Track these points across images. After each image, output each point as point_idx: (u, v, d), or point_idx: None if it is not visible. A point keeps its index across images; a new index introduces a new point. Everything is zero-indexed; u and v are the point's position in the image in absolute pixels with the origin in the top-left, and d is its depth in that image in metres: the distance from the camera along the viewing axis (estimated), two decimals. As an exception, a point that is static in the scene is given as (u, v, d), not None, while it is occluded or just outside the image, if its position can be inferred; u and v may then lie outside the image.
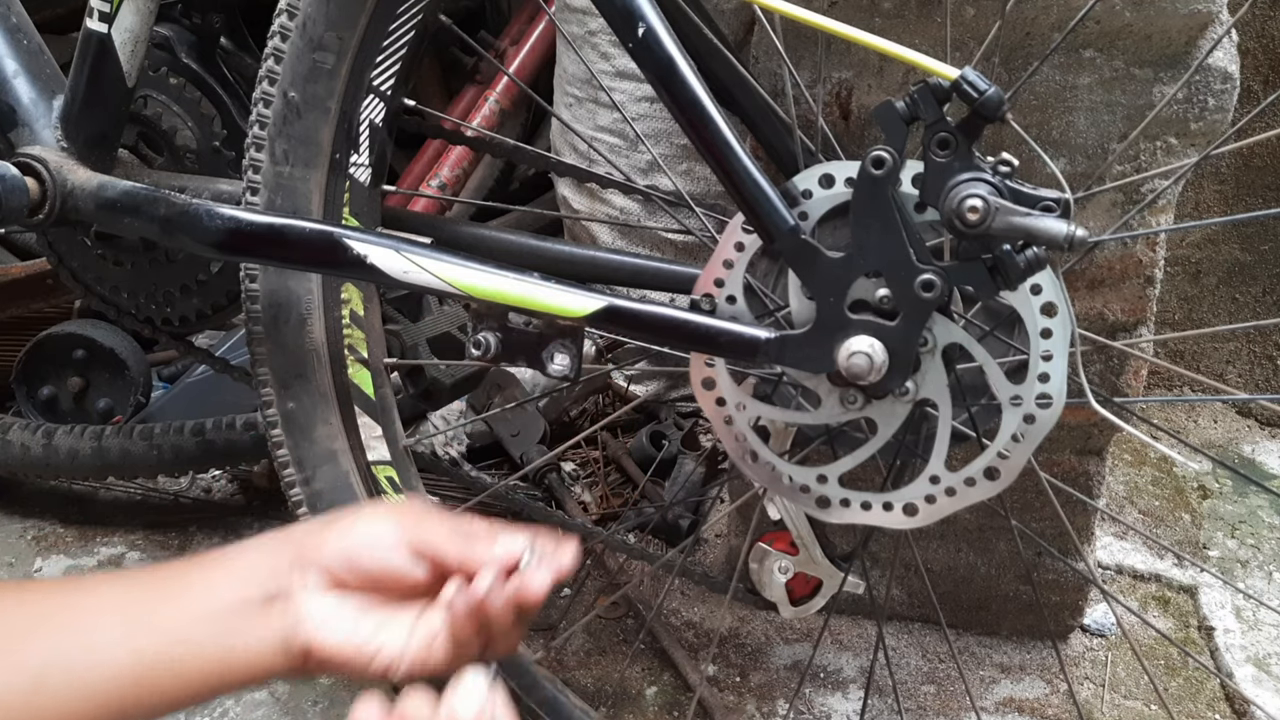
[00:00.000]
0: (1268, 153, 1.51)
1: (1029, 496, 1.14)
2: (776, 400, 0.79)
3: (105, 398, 1.46)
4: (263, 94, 0.83)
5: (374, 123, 0.86)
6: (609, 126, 1.21)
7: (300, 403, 0.88)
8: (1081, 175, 0.96)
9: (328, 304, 0.87)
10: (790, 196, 0.70)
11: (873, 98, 0.97)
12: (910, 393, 0.70)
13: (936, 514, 0.74)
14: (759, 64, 1.01)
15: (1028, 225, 0.62)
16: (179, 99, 1.14)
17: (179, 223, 0.78)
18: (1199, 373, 1.65)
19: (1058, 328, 0.69)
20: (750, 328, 0.71)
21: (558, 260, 0.92)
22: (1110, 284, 1.01)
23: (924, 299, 0.66)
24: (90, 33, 0.90)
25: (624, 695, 1.18)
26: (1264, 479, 1.52)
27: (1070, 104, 0.94)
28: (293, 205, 0.84)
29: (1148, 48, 0.91)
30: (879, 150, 0.64)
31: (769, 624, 1.28)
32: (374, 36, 0.83)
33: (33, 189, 0.85)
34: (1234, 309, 1.61)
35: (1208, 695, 1.17)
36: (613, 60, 1.17)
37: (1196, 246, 1.59)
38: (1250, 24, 1.44)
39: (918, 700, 1.18)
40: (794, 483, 0.76)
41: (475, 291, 0.71)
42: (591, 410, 1.61)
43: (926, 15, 0.92)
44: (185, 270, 1.13)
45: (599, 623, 1.28)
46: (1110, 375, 1.06)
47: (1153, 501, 1.47)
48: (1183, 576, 1.32)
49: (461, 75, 1.53)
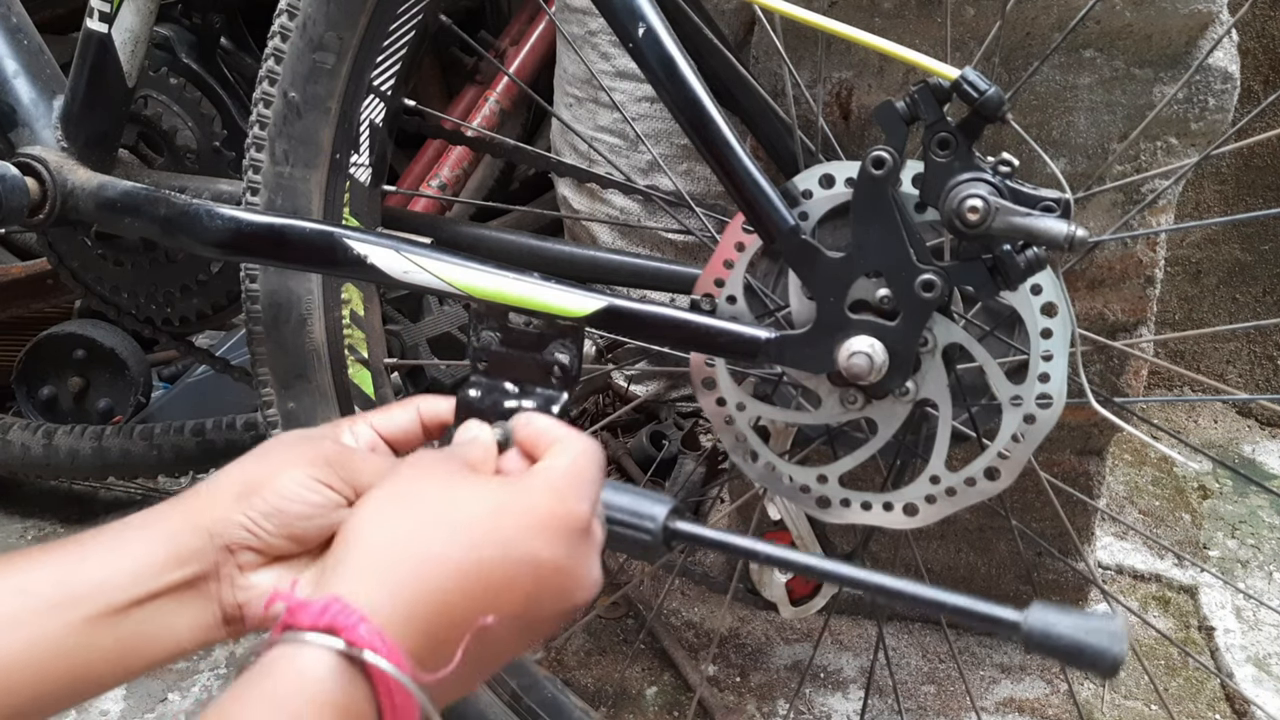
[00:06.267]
0: (1268, 153, 1.51)
1: (1029, 496, 1.14)
2: (777, 400, 0.79)
3: (105, 398, 1.46)
4: (263, 94, 0.83)
5: (374, 123, 0.86)
6: (609, 126, 1.21)
7: (300, 403, 0.88)
8: (1082, 175, 0.96)
9: (328, 304, 0.87)
10: (790, 196, 0.70)
11: (873, 98, 0.97)
12: (910, 393, 0.70)
13: (937, 514, 0.74)
14: (759, 64, 1.01)
15: (1028, 225, 0.62)
16: (179, 99, 1.14)
17: (179, 223, 0.78)
18: (1199, 373, 1.65)
19: (1058, 328, 0.69)
20: (750, 328, 0.71)
21: (558, 260, 0.92)
22: (1110, 284, 1.01)
23: (924, 299, 0.66)
24: (90, 33, 0.90)
25: (624, 695, 1.18)
26: (1264, 479, 1.52)
27: (1070, 104, 0.94)
28: (293, 205, 0.84)
29: (1148, 48, 0.91)
30: (879, 150, 0.64)
31: (769, 624, 1.28)
32: (374, 36, 0.83)
33: (33, 189, 0.85)
34: (1234, 309, 1.61)
35: (1208, 695, 1.17)
36: (613, 60, 1.17)
37: (1196, 246, 1.59)
38: (1250, 24, 1.44)
39: (918, 700, 1.18)
40: (794, 483, 0.76)
41: (475, 291, 0.71)
42: (592, 410, 1.60)
43: (926, 15, 0.92)
44: (185, 270, 1.13)
45: (599, 623, 1.28)
46: (1110, 375, 1.06)
47: (1153, 501, 1.47)
48: (1183, 576, 1.32)
49: (461, 75, 1.53)
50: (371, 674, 0.43)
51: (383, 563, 0.47)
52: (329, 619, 0.43)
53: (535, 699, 0.94)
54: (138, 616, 0.53)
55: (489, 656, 0.51)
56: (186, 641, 0.55)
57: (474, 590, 0.48)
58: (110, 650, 0.52)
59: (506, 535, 0.49)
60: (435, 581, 0.47)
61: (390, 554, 0.48)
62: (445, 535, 0.49)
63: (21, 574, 0.52)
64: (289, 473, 0.56)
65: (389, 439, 0.64)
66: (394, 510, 0.50)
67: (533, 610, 0.50)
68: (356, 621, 0.43)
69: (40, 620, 0.50)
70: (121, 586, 0.52)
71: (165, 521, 0.56)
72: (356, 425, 0.64)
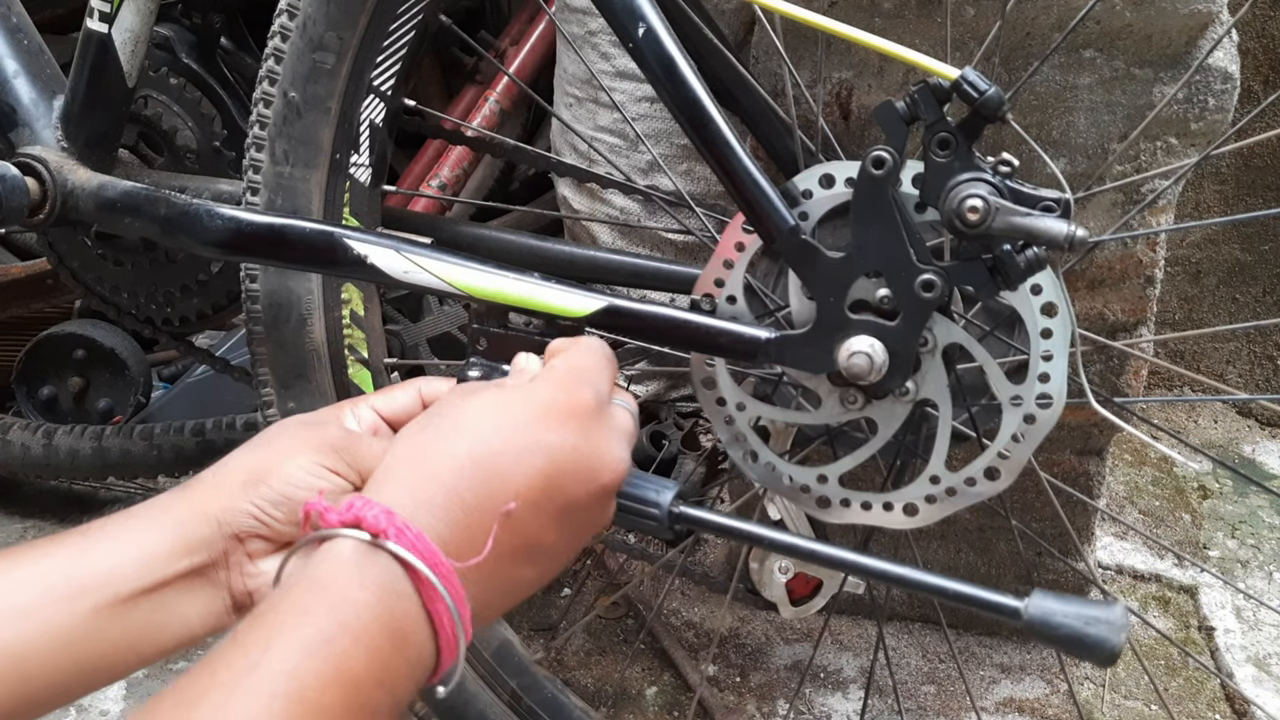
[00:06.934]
0: (1268, 153, 1.51)
1: (1029, 496, 1.14)
2: (776, 400, 0.79)
3: (105, 398, 1.46)
4: (263, 94, 0.83)
5: (374, 123, 0.86)
6: (609, 126, 1.21)
7: (300, 403, 0.88)
8: (1082, 175, 0.96)
9: (328, 304, 0.87)
10: (790, 196, 0.70)
11: (873, 98, 0.97)
12: (910, 393, 0.70)
13: (937, 514, 0.74)
14: (759, 64, 1.01)
15: (1028, 225, 0.62)
16: (179, 99, 1.14)
17: (179, 223, 0.78)
18: (1199, 373, 1.65)
19: (1058, 328, 0.69)
20: (750, 328, 0.71)
21: (558, 260, 0.92)
22: (1110, 284, 1.01)
23: (924, 299, 0.66)
24: (90, 33, 0.90)
25: (624, 695, 1.18)
26: (1264, 479, 1.52)
27: (1070, 104, 0.94)
28: (293, 205, 0.84)
29: (1148, 48, 0.91)
30: (879, 150, 0.64)
31: (769, 624, 1.28)
32: (374, 36, 0.83)
33: (33, 189, 0.85)
34: (1234, 309, 1.61)
35: (1208, 695, 1.17)
36: (613, 60, 1.17)
37: (1196, 246, 1.59)
38: (1250, 24, 1.44)
39: (918, 700, 1.18)
40: (794, 483, 0.76)
41: (475, 291, 0.71)
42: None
43: (926, 15, 0.92)
44: (185, 270, 1.13)
45: (599, 623, 1.28)
46: (1110, 375, 1.06)
47: (1153, 501, 1.47)
48: (1183, 576, 1.32)
49: (461, 75, 1.53)
50: (407, 566, 0.45)
51: (403, 471, 0.50)
52: (354, 514, 0.46)
53: (535, 699, 0.94)
54: (146, 605, 0.54)
55: (534, 548, 0.52)
56: (197, 628, 0.56)
57: (487, 478, 0.50)
58: (120, 639, 0.53)
59: (511, 425, 0.52)
60: (448, 476, 0.50)
61: (409, 464, 0.51)
62: (455, 436, 0.52)
63: (29, 565, 0.52)
64: (295, 459, 0.57)
65: (391, 421, 0.65)
66: (415, 430, 0.53)
67: (558, 495, 0.52)
68: (380, 514, 0.45)
69: (48, 611, 0.51)
70: (128, 576, 0.53)
71: (172, 511, 0.56)
72: (358, 407, 0.64)
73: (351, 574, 0.44)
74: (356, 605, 0.43)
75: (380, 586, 0.44)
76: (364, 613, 0.43)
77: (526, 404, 0.54)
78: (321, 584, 0.44)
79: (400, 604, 0.45)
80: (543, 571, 0.54)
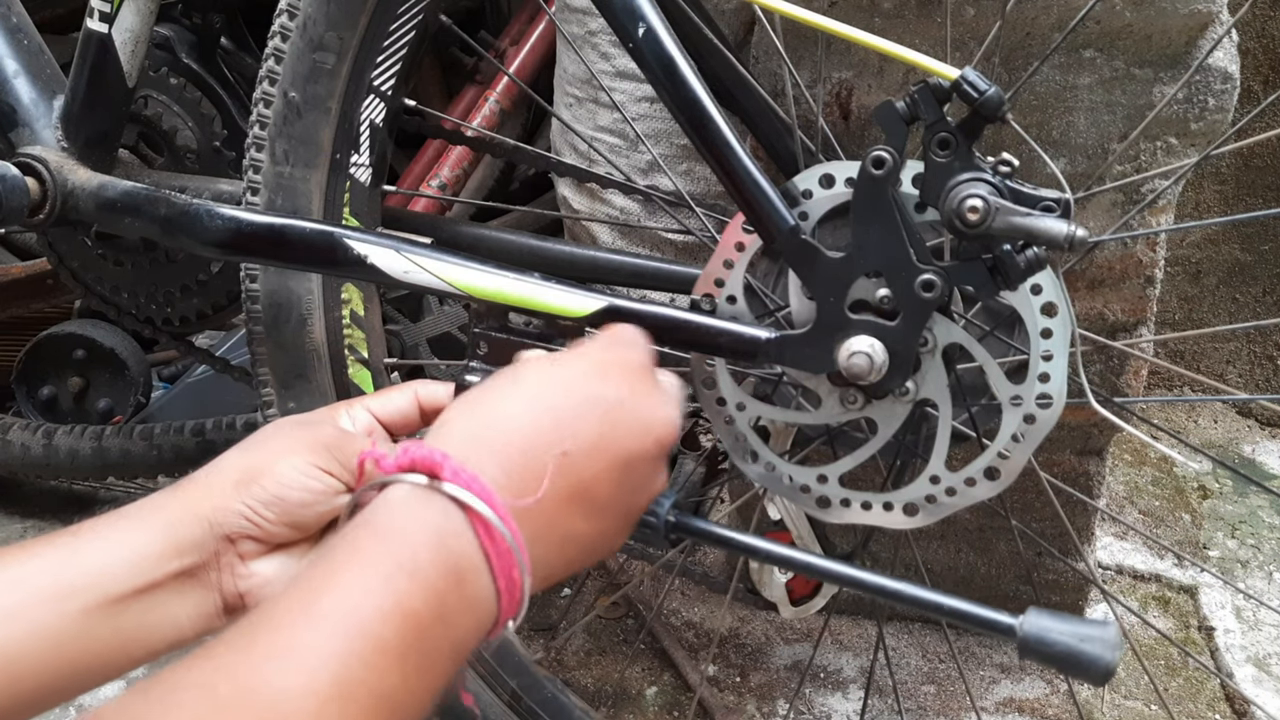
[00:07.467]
0: (1268, 153, 1.51)
1: (1029, 496, 1.14)
2: (776, 400, 0.79)
3: (105, 398, 1.46)
4: (263, 94, 0.83)
5: (374, 123, 0.86)
6: (609, 126, 1.21)
7: (301, 403, 0.88)
8: (1081, 175, 0.96)
9: (328, 304, 0.87)
10: (790, 196, 0.70)
11: (873, 98, 0.97)
12: (910, 393, 0.70)
13: (937, 514, 0.74)
14: (759, 64, 1.01)
15: (1028, 225, 0.62)
16: (179, 99, 1.14)
17: (179, 223, 0.78)
18: (1199, 373, 1.65)
19: (1058, 328, 0.69)
20: (750, 328, 0.71)
21: (558, 260, 0.92)
22: (1110, 284, 1.01)
23: (924, 299, 0.66)
24: (91, 33, 0.90)
25: (624, 695, 1.18)
26: (1264, 479, 1.52)
27: (1070, 104, 0.94)
28: (293, 205, 0.84)
29: (1148, 48, 0.91)
30: (879, 150, 0.64)
31: (769, 624, 1.28)
32: (374, 36, 0.83)
33: (33, 189, 0.85)
34: (1234, 309, 1.61)
35: (1208, 695, 1.17)
36: (613, 60, 1.17)
37: (1196, 246, 1.59)
38: (1250, 24, 1.44)
39: (918, 700, 1.18)
40: (794, 483, 0.76)
41: (475, 291, 0.71)
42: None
43: (926, 15, 0.92)
44: (185, 270, 1.13)
45: (599, 623, 1.28)
46: (1110, 375, 1.06)
47: (1153, 501, 1.47)
48: (1183, 576, 1.32)
49: (461, 75, 1.53)
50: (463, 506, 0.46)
51: (459, 423, 0.52)
52: (410, 458, 0.47)
53: (535, 699, 0.94)
54: (137, 607, 0.53)
55: (588, 499, 0.53)
56: (188, 630, 0.55)
57: (542, 425, 0.51)
58: (110, 640, 0.53)
59: (566, 380, 0.54)
60: (504, 423, 0.51)
61: (465, 416, 0.52)
62: (512, 390, 0.53)
63: (18, 566, 0.52)
64: (289, 460, 0.57)
65: (386, 423, 0.65)
66: (470, 395, 0.54)
67: (612, 444, 0.53)
68: (435, 456, 0.46)
69: (37, 612, 0.51)
70: (119, 577, 0.53)
71: (163, 511, 0.56)
72: (354, 409, 0.64)
73: (407, 516, 0.45)
74: (414, 545, 0.44)
75: (435, 527, 0.45)
76: (420, 552, 0.44)
77: (580, 360, 0.56)
78: (377, 527, 0.45)
79: (457, 543, 0.45)
80: (597, 533, 0.54)
